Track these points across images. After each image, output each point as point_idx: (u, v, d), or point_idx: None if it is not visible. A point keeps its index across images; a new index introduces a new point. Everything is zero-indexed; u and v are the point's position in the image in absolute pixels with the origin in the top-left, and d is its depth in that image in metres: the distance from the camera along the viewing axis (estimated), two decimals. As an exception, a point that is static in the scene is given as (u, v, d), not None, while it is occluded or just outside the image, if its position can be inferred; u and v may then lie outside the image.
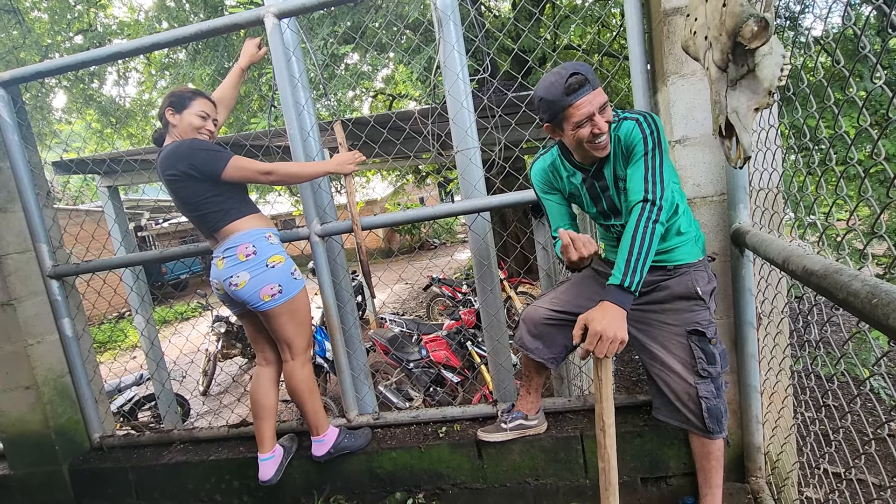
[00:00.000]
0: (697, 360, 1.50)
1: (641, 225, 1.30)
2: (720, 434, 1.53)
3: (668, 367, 1.55)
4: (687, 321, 1.52)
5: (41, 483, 2.39)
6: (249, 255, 1.79)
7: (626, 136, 1.39)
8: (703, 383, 1.50)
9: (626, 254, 1.30)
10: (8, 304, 2.22)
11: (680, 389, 1.53)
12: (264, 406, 1.99)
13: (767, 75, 1.14)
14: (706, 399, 1.49)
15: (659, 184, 1.33)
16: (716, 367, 1.50)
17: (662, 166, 1.35)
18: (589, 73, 1.34)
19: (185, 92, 1.86)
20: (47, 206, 2.41)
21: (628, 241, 1.31)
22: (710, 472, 1.62)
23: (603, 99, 1.35)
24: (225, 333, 6.51)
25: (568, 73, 1.32)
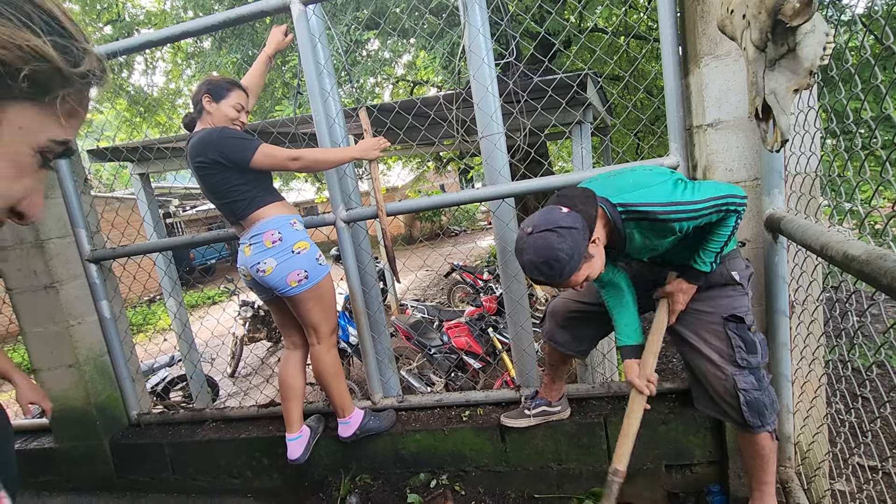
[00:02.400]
0: (736, 349, 1.44)
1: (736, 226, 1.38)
2: (762, 428, 1.46)
3: (703, 357, 1.50)
4: (724, 308, 1.48)
5: (84, 456, 2.52)
6: (276, 242, 1.83)
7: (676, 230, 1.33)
8: (741, 374, 1.44)
9: (718, 247, 1.39)
10: (51, 286, 2.33)
11: (716, 381, 1.48)
12: (292, 388, 2.05)
13: (809, 55, 1.10)
14: (745, 391, 1.43)
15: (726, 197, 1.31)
16: (756, 357, 1.45)
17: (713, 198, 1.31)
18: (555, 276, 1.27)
19: (222, 81, 1.88)
20: (85, 192, 2.50)
21: (723, 239, 1.37)
22: (756, 470, 1.55)
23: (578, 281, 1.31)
24: (251, 318, 6.69)
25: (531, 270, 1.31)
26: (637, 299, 1.62)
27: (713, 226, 1.37)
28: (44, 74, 0.38)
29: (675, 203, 1.29)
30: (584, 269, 1.30)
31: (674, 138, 1.79)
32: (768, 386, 1.48)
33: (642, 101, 6.12)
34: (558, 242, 1.24)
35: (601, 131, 5.22)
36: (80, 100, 0.43)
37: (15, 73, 0.36)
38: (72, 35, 0.40)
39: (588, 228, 1.29)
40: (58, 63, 0.39)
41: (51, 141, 0.41)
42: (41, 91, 0.39)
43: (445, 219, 18.48)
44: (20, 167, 0.40)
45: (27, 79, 0.37)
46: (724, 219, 1.35)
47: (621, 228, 1.35)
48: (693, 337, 1.53)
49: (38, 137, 0.40)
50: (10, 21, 0.36)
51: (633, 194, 1.34)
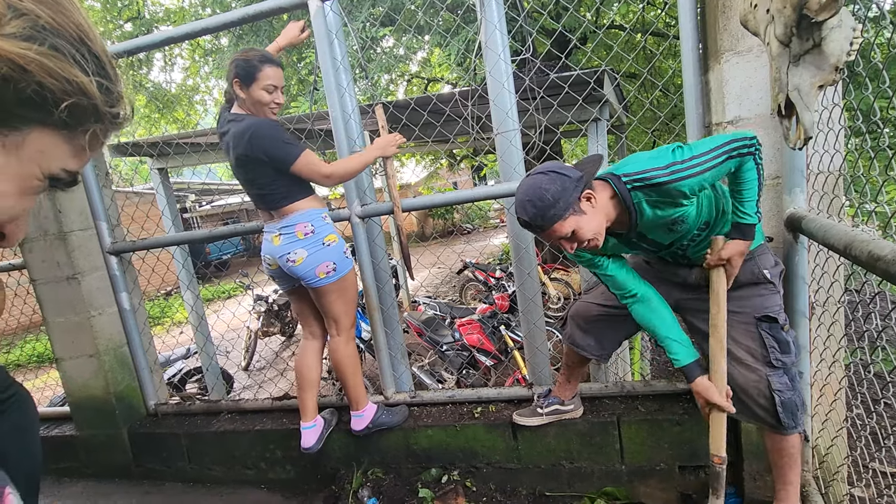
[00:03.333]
0: (770, 350, 1.41)
1: (760, 167, 1.33)
2: (795, 429, 1.43)
3: (734, 358, 1.46)
4: (756, 307, 1.44)
5: (103, 444, 2.58)
6: (308, 234, 1.85)
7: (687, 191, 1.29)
8: (775, 374, 1.41)
9: (754, 195, 1.34)
10: (73, 277, 2.38)
11: (747, 382, 1.44)
12: (308, 378, 2.08)
13: (835, 50, 1.07)
14: (780, 392, 1.40)
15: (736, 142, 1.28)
16: (790, 357, 1.42)
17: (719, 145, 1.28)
18: (536, 217, 1.28)
19: (252, 59, 1.79)
20: (106, 186, 2.55)
21: (754, 184, 1.33)
22: (783, 469, 1.52)
23: (562, 232, 1.29)
24: (265, 312, 6.77)
25: (517, 213, 1.32)
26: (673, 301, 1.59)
27: (735, 178, 1.34)
28: (82, 108, 0.40)
29: (674, 163, 1.27)
30: (572, 221, 1.28)
31: (692, 136, 1.77)
32: (799, 386, 1.45)
33: (659, 98, 6.04)
34: (546, 183, 1.27)
35: (617, 129, 5.17)
36: (99, 139, 0.45)
37: (57, 103, 0.38)
38: (112, 79, 0.43)
39: (584, 182, 1.30)
40: (97, 101, 0.41)
41: (62, 170, 0.43)
42: (73, 123, 0.41)
43: (458, 216, 18.47)
44: (25, 189, 0.42)
45: (67, 109, 0.39)
46: (742, 165, 1.31)
47: (628, 199, 1.33)
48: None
49: (53, 164, 0.42)
50: (64, 56, 0.38)
51: (635, 165, 1.33)
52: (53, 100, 0.38)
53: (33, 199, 0.44)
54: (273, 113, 1.88)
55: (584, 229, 1.30)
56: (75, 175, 0.45)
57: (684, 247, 1.49)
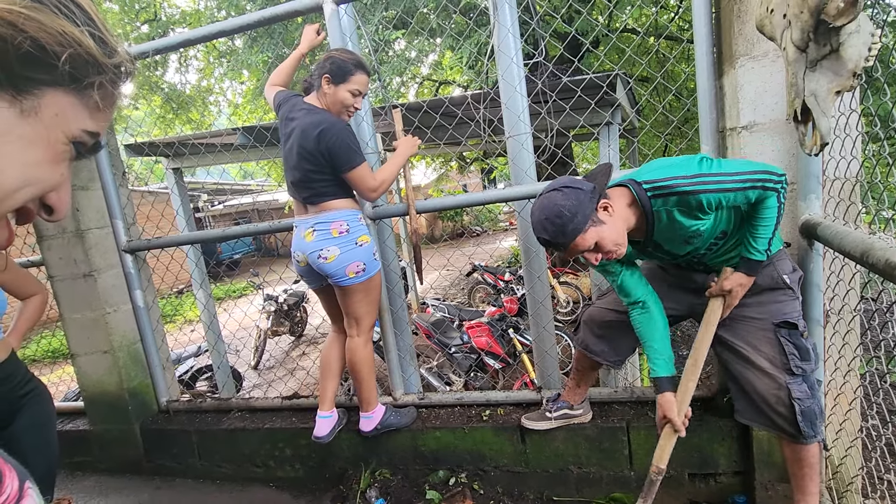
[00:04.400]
0: (790, 357, 1.39)
1: (781, 208, 1.33)
2: (815, 438, 1.41)
3: (753, 365, 1.44)
4: (775, 313, 1.43)
5: (116, 439, 2.62)
6: (343, 233, 1.87)
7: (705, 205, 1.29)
8: (795, 382, 1.38)
9: (768, 233, 1.34)
10: (89, 274, 2.42)
11: (767, 390, 1.42)
12: (332, 368, 2.12)
13: (853, 55, 1.06)
14: (800, 400, 1.37)
15: (764, 172, 1.28)
16: (809, 364, 1.40)
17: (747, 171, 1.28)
18: (556, 236, 1.28)
19: (348, 63, 1.82)
20: (122, 185, 2.60)
21: (771, 224, 1.33)
22: (803, 480, 1.49)
23: (584, 246, 1.29)
24: (275, 312, 6.83)
25: (536, 233, 1.33)
26: (676, 309, 1.59)
27: (754, 209, 1.33)
28: (81, 60, 0.40)
29: (699, 174, 1.27)
30: (592, 233, 1.28)
31: (706, 140, 1.76)
32: (819, 394, 1.43)
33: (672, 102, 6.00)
34: (561, 199, 1.28)
35: (629, 133, 5.15)
36: (111, 93, 0.45)
37: (56, 56, 0.38)
38: (102, 29, 0.42)
39: (598, 193, 1.31)
40: (94, 51, 0.41)
41: (83, 132, 0.43)
42: (79, 78, 0.41)
43: (467, 218, 18.47)
44: (55, 155, 0.42)
45: (68, 63, 0.39)
46: (764, 199, 1.30)
47: (647, 206, 1.33)
48: (741, 345, 1.47)
49: (72, 126, 0.42)
50: (49, 9, 0.38)
51: (657, 172, 1.33)
52: (52, 53, 0.38)
53: (67, 166, 0.44)
54: (349, 115, 1.91)
55: (605, 239, 1.30)
56: (98, 138, 0.45)
57: (700, 255, 1.48)
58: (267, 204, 16.59)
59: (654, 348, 1.52)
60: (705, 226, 1.36)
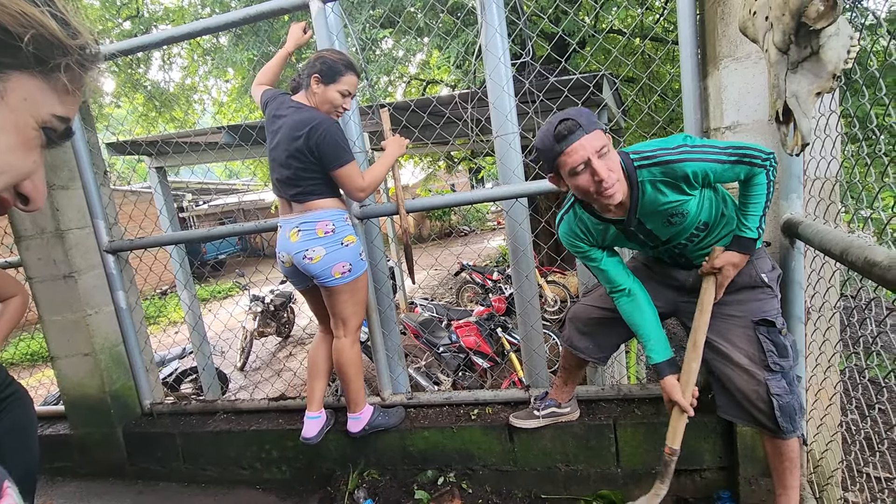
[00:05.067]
0: (768, 354, 1.41)
1: (771, 185, 1.35)
2: (794, 433, 1.44)
3: (732, 363, 1.47)
4: (753, 311, 1.45)
5: (98, 443, 2.57)
6: (328, 233, 1.85)
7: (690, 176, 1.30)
8: (773, 378, 1.41)
9: (759, 210, 1.37)
10: (70, 275, 2.37)
11: (746, 387, 1.44)
12: (320, 368, 2.11)
13: (832, 58, 1.09)
14: (778, 396, 1.40)
15: (754, 148, 1.31)
16: (788, 361, 1.42)
17: (736, 145, 1.31)
18: (583, 117, 1.26)
19: (339, 63, 1.81)
20: (104, 184, 2.55)
21: (762, 200, 1.35)
22: (783, 474, 1.51)
23: (601, 142, 1.26)
24: (261, 313, 6.76)
25: (557, 119, 1.28)
26: (660, 307, 1.61)
27: (744, 187, 1.36)
28: (44, 41, 0.39)
29: (684, 145, 1.30)
30: (603, 136, 1.28)
31: (690, 141, 1.78)
32: (798, 390, 1.45)
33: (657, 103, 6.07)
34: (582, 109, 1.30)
35: (615, 133, 5.20)
36: (78, 76, 0.43)
37: (18, 38, 0.37)
38: (63, 11, 0.41)
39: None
40: (56, 32, 0.40)
41: (53, 116, 0.42)
42: (44, 59, 0.40)
43: (455, 218, 18.49)
44: (26, 141, 0.41)
45: (32, 45, 0.38)
46: (753, 176, 1.32)
47: (633, 176, 1.34)
48: (721, 342, 1.49)
49: (41, 111, 0.41)
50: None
51: (643, 146, 1.36)
52: (15, 35, 0.37)
53: (40, 153, 0.43)
54: (337, 116, 1.90)
55: (612, 155, 1.29)
56: (68, 123, 0.44)
57: (682, 246, 1.49)
58: (253, 203, 16.42)
59: (647, 335, 1.52)
60: (689, 205, 1.37)
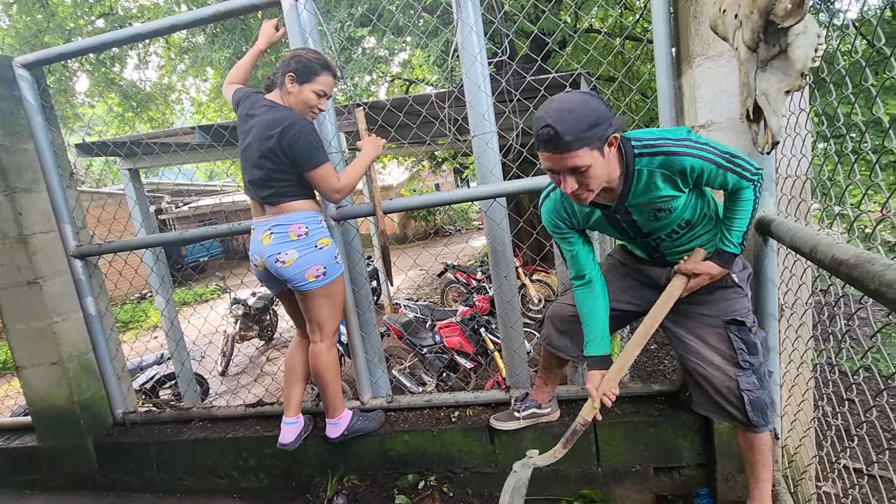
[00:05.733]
0: (738, 352, 1.45)
1: (756, 202, 1.36)
2: (765, 427, 1.48)
3: (705, 360, 1.50)
4: (724, 311, 1.48)
5: (67, 454, 2.48)
6: (301, 236, 1.80)
7: (686, 171, 1.28)
8: (743, 375, 1.45)
9: (743, 226, 1.38)
10: (34, 282, 2.28)
11: (719, 383, 1.48)
12: (297, 373, 2.07)
13: (800, 56, 1.09)
14: (749, 391, 1.44)
15: (747, 161, 1.31)
16: (757, 357, 1.46)
17: (732, 153, 1.30)
18: (569, 133, 1.13)
19: (314, 62, 1.78)
20: (70, 187, 2.46)
21: (746, 216, 1.37)
22: (756, 467, 1.56)
23: (582, 162, 1.16)
24: (243, 316, 6.64)
25: (543, 122, 1.15)
26: (635, 305, 1.61)
27: (730, 200, 1.36)
28: None
29: (687, 139, 1.29)
30: (595, 155, 1.17)
31: (666, 139, 1.78)
32: (768, 385, 1.49)
33: (636, 102, 6.13)
34: (595, 103, 1.16)
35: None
36: None
37: None
38: None
39: (615, 128, 1.21)
40: None
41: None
42: None
43: (440, 218, 18.46)
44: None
45: None
46: (741, 189, 1.33)
47: (631, 163, 1.29)
48: (694, 340, 1.53)
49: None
50: None
51: (645, 133, 1.33)
52: None
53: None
54: (312, 116, 1.85)
55: (595, 172, 1.20)
56: None
57: (659, 240, 1.48)
58: (234, 205, 16.16)
59: (592, 327, 1.56)
60: (677, 202, 1.35)
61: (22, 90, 2.27)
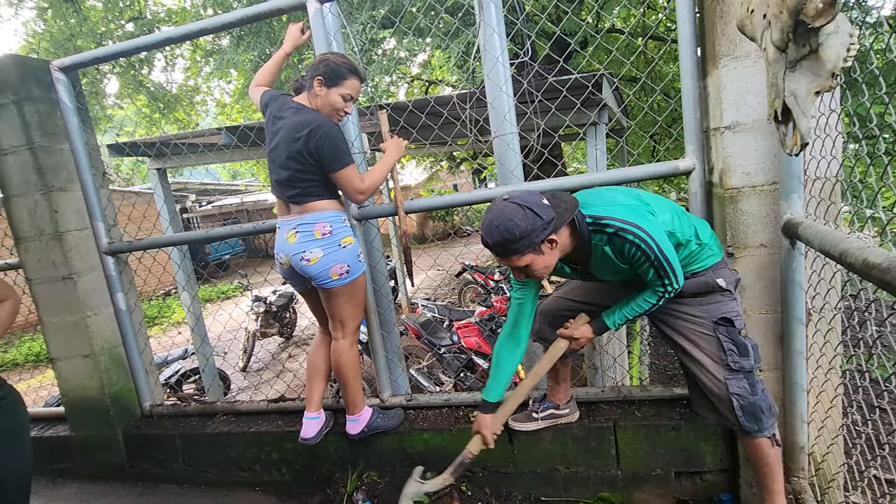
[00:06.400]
0: (728, 353, 1.45)
1: (658, 302, 1.46)
2: (760, 433, 1.46)
3: (696, 362, 1.51)
4: (714, 311, 1.48)
5: (98, 445, 2.57)
6: (326, 234, 1.84)
7: (624, 251, 1.39)
8: (733, 378, 1.45)
9: (631, 315, 1.51)
10: (69, 277, 2.37)
11: (709, 384, 1.49)
12: (319, 369, 2.11)
13: (831, 56, 1.07)
14: (738, 396, 1.44)
15: (672, 273, 1.39)
16: (748, 360, 1.45)
17: (667, 258, 1.36)
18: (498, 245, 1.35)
19: (342, 67, 1.81)
20: (103, 186, 2.55)
21: (638, 310, 1.49)
22: (764, 479, 1.54)
23: (518, 264, 1.38)
24: (264, 313, 6.77)
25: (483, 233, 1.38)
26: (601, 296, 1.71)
27: (638, 291, 1.48)
28: None
29: (635, 224, 1.35)
30: (528, 258, 1.36)
31: (690, 140, 1.76)
32: (763, 390, 1.48)
33: (659, 102, 6.05)
34: (520, 219, 1.32)
35: (616, 133, 5.17)
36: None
37: None
38: None
39: (553, 228, 1.35)
40: None
41: None
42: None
43: (458, 219, 18.47)
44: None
45: None
46: (648, 288, 1.45)
47: (587, 239, 1.42)
48: (685, 341, 1.54)
49: None
50: None
51: (604, 207, 1.42)
52: None
53: None
54: (338, 119, 1.89)
55: (537, 266, 1.39)
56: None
57: (626, 281, 1.56)
58: (256, 204, 16.45)
59: (498, 378, 1.71)
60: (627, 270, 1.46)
61: (59, 93, 2.36)
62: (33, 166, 2.29)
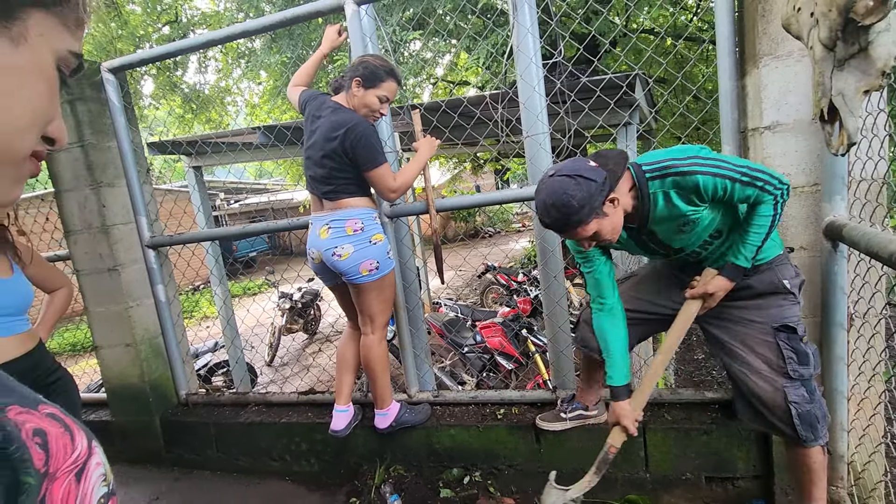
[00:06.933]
0: (787, 361, 1.39)
1: (779, 210, 1.32)
2: (815, 442, 1.40)
3: (751, 368, 1.44)
4: (774, 317, 1.42)
5: (137, 430, 2.68)
6: (357, 231, 1.89)
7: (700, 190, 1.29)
8: (792, 386, 1.38)
9: (758, 241, 1.34)
10: (114, 269, 2.48)
11: (765, 394, 1.42)
12: (348, 362, 2.16)
13: (882, 54, 1.05)
14: (796, 404, 1.37)
15: (767, 174, 1.28)
16: (808, 369, 1.39)
17: (749, 165, 1.29)
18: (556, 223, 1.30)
19: (381, 69, 1.85)
20: (146, 182, 2.65)
21: (763, 231, 1.33)
22: (807, 486, 1.48)
23: (583, 235, 1.31)
24: (289, 309, 6.90)
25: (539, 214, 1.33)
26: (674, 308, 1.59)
27: (749, 214, 1.34)
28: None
29: (696, 156, 1.29)
30: (594, 224, 1.29)
31: (727, 141, 1.74)
32: (820, 398, 1.42)
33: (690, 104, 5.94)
34: (573, 189, 1.25)
35: (647, 134, 5.11)
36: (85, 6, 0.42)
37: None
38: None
39: (609, 186, 1.29)
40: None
41: (68, 52, 0.41)
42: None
43: (480, 219, 18.45)
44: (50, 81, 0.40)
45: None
46: (760, 203, 1.30)
47: (645, 189, 1.34)
48: (740, 347, 1.47)
49: (58, 46, 0.40)
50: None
51: (656, 156, 1.36)
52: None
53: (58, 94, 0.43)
54: (373, 120, 1.95)
55: (605, 230, 1.32)
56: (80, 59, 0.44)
57: (696, 254, 1.48)
58: (283, 203, 16.77)
59: (613, 354, 1.56)
60: (699, 215, 1.35)
61: (108, 93, 2.47)
62: (84, 163, 2.41)
